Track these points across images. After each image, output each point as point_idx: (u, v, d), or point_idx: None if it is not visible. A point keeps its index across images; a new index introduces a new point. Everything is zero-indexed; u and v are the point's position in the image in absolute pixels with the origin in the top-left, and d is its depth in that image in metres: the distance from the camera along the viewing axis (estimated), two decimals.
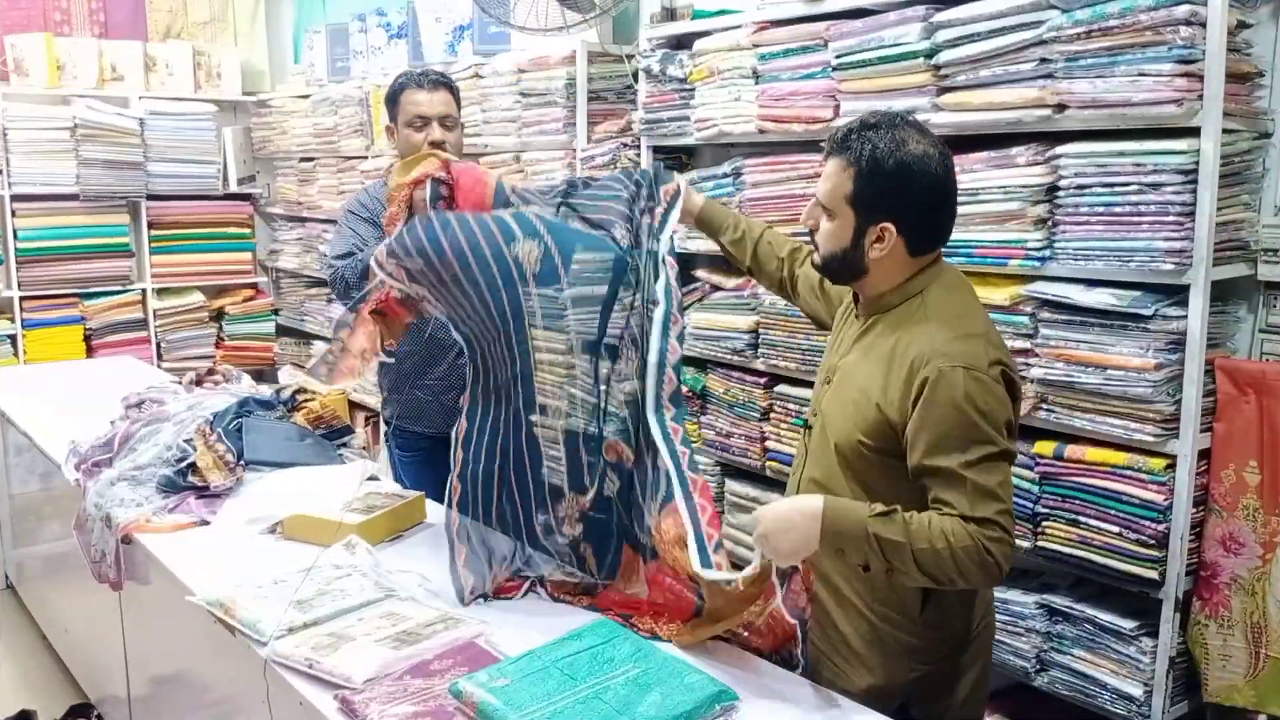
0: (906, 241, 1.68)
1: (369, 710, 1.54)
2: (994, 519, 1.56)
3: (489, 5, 3.23)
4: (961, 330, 1.64)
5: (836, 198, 1.70)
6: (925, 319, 1.66)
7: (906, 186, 1.65)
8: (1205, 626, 2.12)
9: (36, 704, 3.18)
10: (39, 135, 4.83)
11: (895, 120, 1.69)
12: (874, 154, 1.65)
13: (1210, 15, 1.91)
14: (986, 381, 1.59)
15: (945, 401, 1.58)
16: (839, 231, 1.71)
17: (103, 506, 2.43)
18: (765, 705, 1.61)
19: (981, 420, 1.57)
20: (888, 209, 1.66)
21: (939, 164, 1.66)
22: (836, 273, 1.78)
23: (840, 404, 1.74)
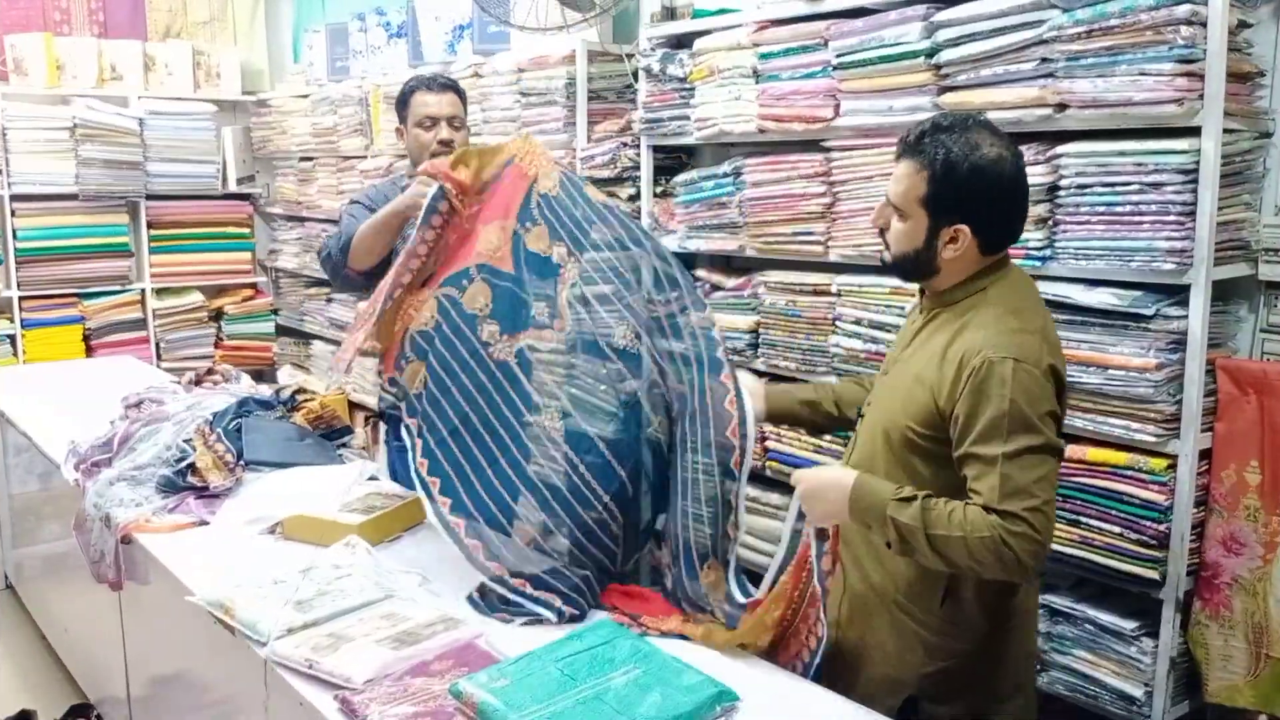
0: (979, 242, 1.70)
1: (369, 711, 1.54)
2: (1020, 514, 1.56)
3: (489, 4, 3.23)
4: (1017, 325, 1.66)
5: (909, 200, 1.71)
6: (984, 313, 1.69)
7: (980, 189, 1.67)
8: (1206, 627, 2.11)
9: (36, 704, 3.18)
10: (38, 135, 4.83)
11: (968, 122, 1.71)
12: (948, 157, 1.66)
13: (1211, 15, 1.91)
14: (1036, 375, 1.61)
15: (992, 391, 1.60)
16: (912, 232, 1.73)
17: (102, 506, 2.43)
18: (765, 705, 1.61)
19: (1026, 412, 1.59)
20: (962, 211, 1.68)
21: (1011, 165, 1.68)
22: (908, 272, 1.81)
23: (892, 392, 1.79)
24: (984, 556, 1.56)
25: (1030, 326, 1.67)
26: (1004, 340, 1.63)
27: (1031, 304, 1.74)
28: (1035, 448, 1.59)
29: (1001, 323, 1.66)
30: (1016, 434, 1.58)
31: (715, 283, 3.05)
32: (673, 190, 3.10)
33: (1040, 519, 1.57)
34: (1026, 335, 1.65)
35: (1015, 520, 1.56)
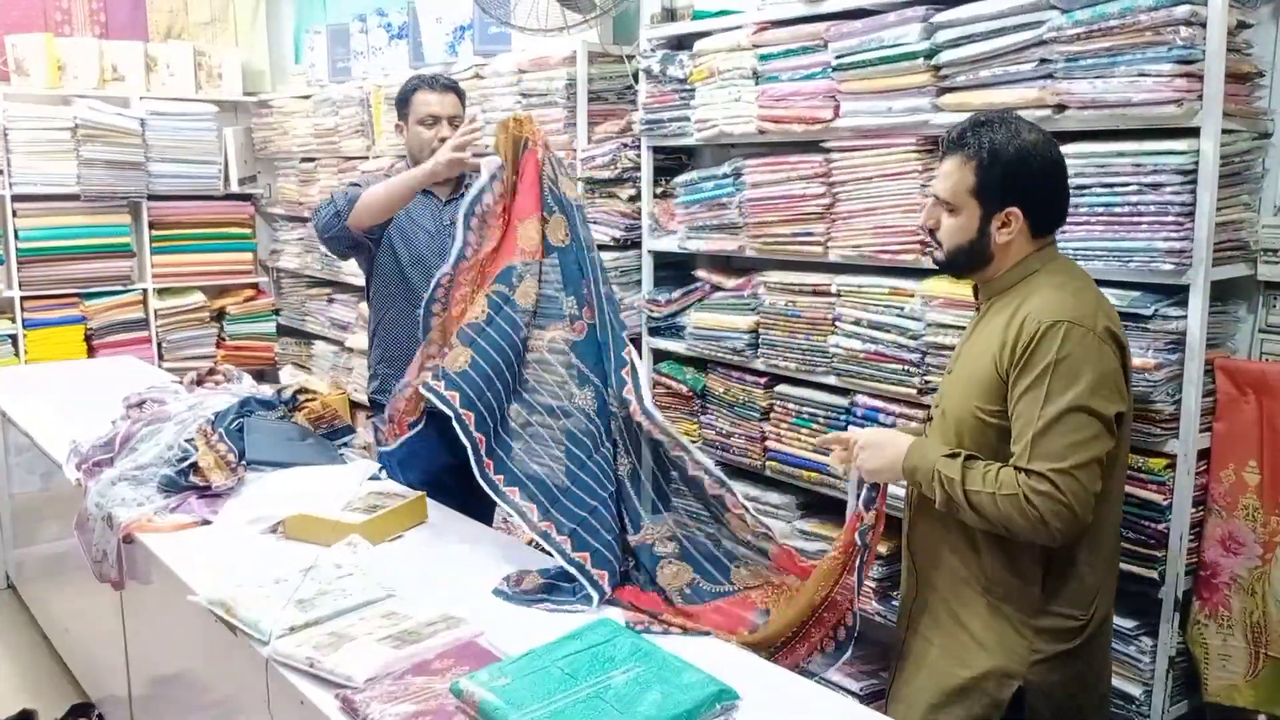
0: (1030, 224, 1.77)
1: (370, 709, 1.55)
2: (1045, 474, 1.61)
3: (489, 6, 3.23)
4: (1071, 292, 1.73)
5: (959, 192, 1.78)
6: (1039, 289, 1.75)
7: (1027, 170, 1.75)
8: (1205, 626, 2.12)
9: (37, 704, 3.18)
10: (40, 135, 4.83)
11: (1005, 116, 1.81)
12: (993, 144, 1.75)
13: (1210, 15, 1.92)
14: (1090, 338, 1.66)
15: (1043, 352, 1.65)
16: (965, 224, 1.79)
17: (104, 506, 2.43)
18: (765, 705, 1.61)
19: (1073, 372, 1.64)
20: (1012, 194, 1.75)
21: (1052, 147, 1.78)
22: (963, 265, 1.85)
23: (957, 382, 1.84)
24: (1010, 514, 1.63)
25: (1084, 294, 1.74)
26: (1056, 305, 1.69)
27: (1084, 280, 1.80)
28: (1076, 408, 1.63)
29: (1057, 291, 1.72)
30: (1058, 395, 1.63)
31: (715, 283, 3.05)
32: (673, 191, 3.11)
33: (1068, 481, 1.61)
34: (1081, 300, 1.71)
35: (1040, 479, 1.61)
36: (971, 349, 1.83)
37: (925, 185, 2.38)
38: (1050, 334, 1.66)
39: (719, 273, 3.06)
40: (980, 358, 1.77)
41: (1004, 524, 1.66)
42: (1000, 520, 1.66)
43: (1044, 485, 1.61)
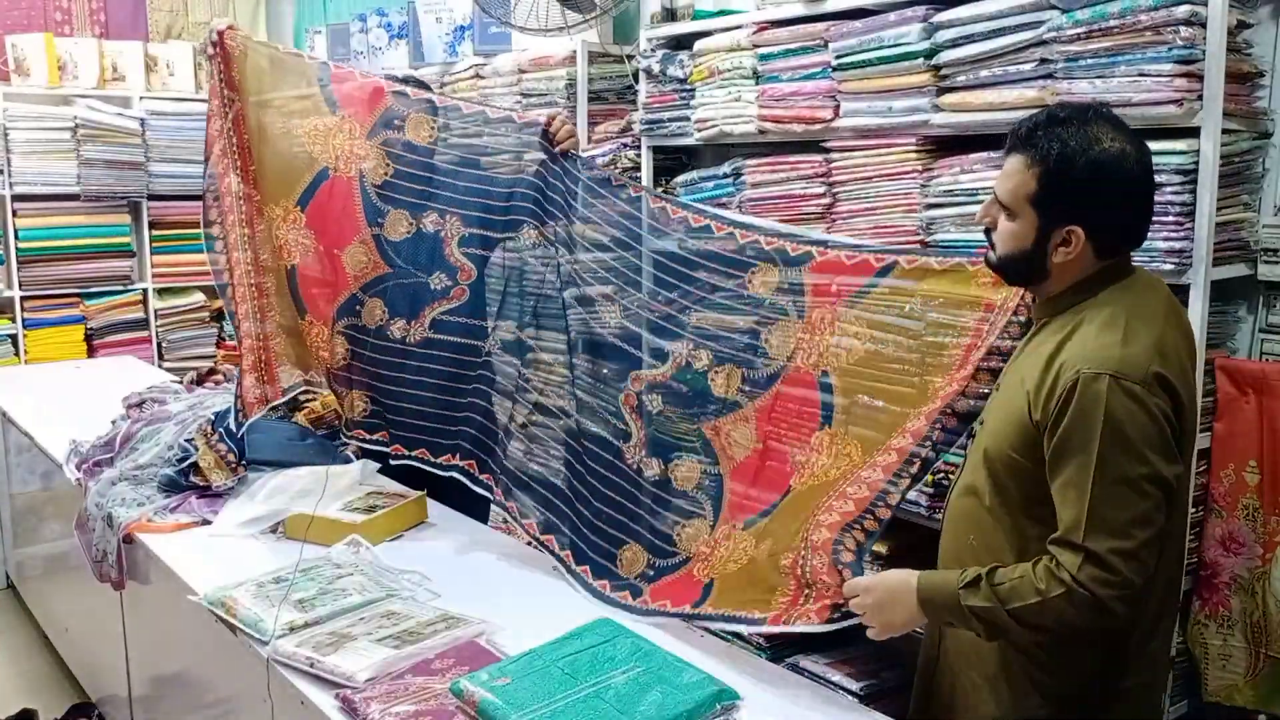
0: (1094, 246, 1.55)
1: (370, 709, 1.55)
2: (1103, 555, 1.43)
3: (489, 5, 3.23)
4: (1122, 335, 1.50)
5: (1019, 198, 1.57)
6: (1090, 321, 1.54)
7: (1097, 189, 1.52)
8: (1205, 626, 2.12)
9: (37, 703, 3.18)
10: (40, 135, 4.83)
11: (1087, 114, 1.56)
12: (1063, 153, 1.52)
13: (1210, 15, 1.91)
14: (1137, 393, 1.45)
15: (1084, 411, 1.46)
16: (1021, 232, 1.58)
17: (104, 506, 2.44)
18: (765, 705, 1.61)
19: (1121, 437, 1.44)
20: (1076, 212, 1.53)
21: (1135, 162, 1.53)
22: (1014, 274, 1.65)
23: (998, 410, 1.66)
24: (1066, 611, 1.45)
25: (1140, 336, 1.50)
26: (1105, 354, 1.48)
27: (1150, 312, 1.55)
28: (1132, 479, 1.44)
29: (1105, 333, 1.50)
30: (1109, 464, 1.44)
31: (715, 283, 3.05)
32: (673, 191, 3.11)
33: (1126, 562, 1.44)
34: (1131, 344, 1.48)
35: (1097, 563, 1.43)
36: (1014, 374, 1.64)
37: (925, 185, 2.38)
38: (1091, 389, 1.45)
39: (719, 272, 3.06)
40: (1017, 392, 1.58)
41: (1060, 624, 1.47)
42: (1055, 622, 1.47)
43: (1099, 572, 1.43)
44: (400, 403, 2.40)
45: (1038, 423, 1.53)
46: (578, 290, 2.26)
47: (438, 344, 2.36)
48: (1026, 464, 1.56)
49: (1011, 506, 1.61)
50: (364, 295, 2.37)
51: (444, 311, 2.34)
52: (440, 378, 2.38)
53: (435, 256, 2.36)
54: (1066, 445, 1.48)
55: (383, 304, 2.37)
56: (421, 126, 2.36)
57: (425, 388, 2.38)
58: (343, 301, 2.38)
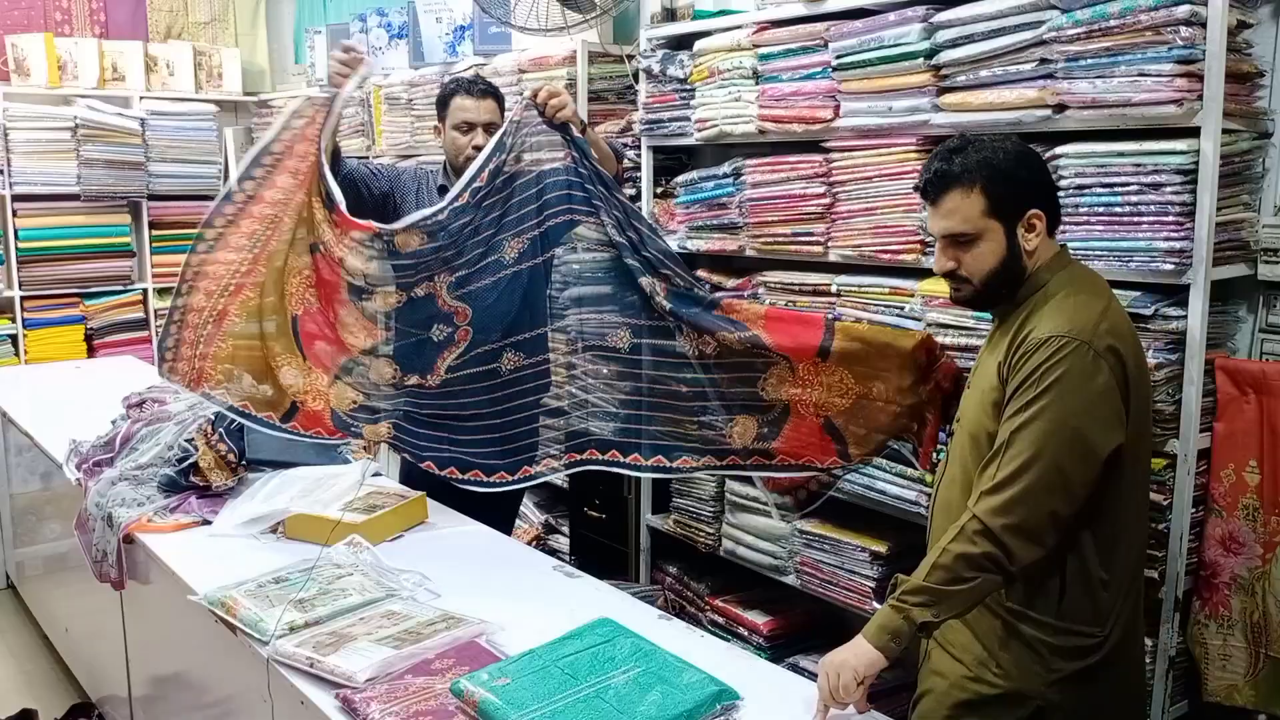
0: (1048, 222, 1.75)
1: (370, 709, 1.55)
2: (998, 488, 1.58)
3: (489, 5, 3.23)
4: (1073, 309, 1.67)
5: (974, 219, 1.72)
6: (1045, 303, 1.71)
7: (1030, 171, 1.74)
8: (1205, 626, 2.12)
9: (38, 703, 3.18)
10: (40, 135, 4.84)
11: (967, 138, 1.77)
12: (987, 160, 1.71)
13: (1210, 15, 1.91)
14: (1088, 356, 1.60)
15: (1034, 363, 1.62)
16: (992, 247, 1.73)
17: (104, 506, 2.44)
18: (765, 705, 1.62)
19: (1065, 389, 1.58)
20: (1028, 198, 1.72)
21: (1029, 147, 1.78)
22: (999, 291, 1.76)
23: (973, 397, 1.80)
24: (970, 548, 1.58)
25: (1091, 309, 1.67)
26: (1056, 320, 1.65)
27: (1094, 288, 1.74)
28: (1058, 421, 1.58)
29: (1059, 307, 1.68)
30: (1040, 403, 1.59)
31: (715, 283, 3.05)
32: (673, 191, 3.11)
33: (1023, 502, 1.57)
34: (1082, 317, 1.65)
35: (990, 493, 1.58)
36: (983, 364, 1.80)
37: None
38: (1041, 348, 1.62)
39: (719, 273, 3.06)
40: (988, 375, 1.74)
41: (972, 563, 1.58)
42: (969, 563, 1.58)
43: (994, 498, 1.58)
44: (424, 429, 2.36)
45: (1004, 392, 1.67)
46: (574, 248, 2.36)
47: (456, 381, 2.35)
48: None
49: None
50: (367, 358, 2.33)
51: (455, 358, 2.34)
52: (468, 407, 2.36)
53: (429, 312, 2.33)
54: (1012, 392, 1.64)
55: (391, 362, 2.34)
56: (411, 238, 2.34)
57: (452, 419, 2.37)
58: (344, 361, 2.34)
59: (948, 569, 1.59)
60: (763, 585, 2.93)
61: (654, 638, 1.74)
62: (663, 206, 3.18)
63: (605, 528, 3.33)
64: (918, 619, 1.59)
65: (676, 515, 3.12)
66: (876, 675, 1.63)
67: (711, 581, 3.09)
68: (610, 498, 3.30)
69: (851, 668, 1.59)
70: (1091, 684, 1.70)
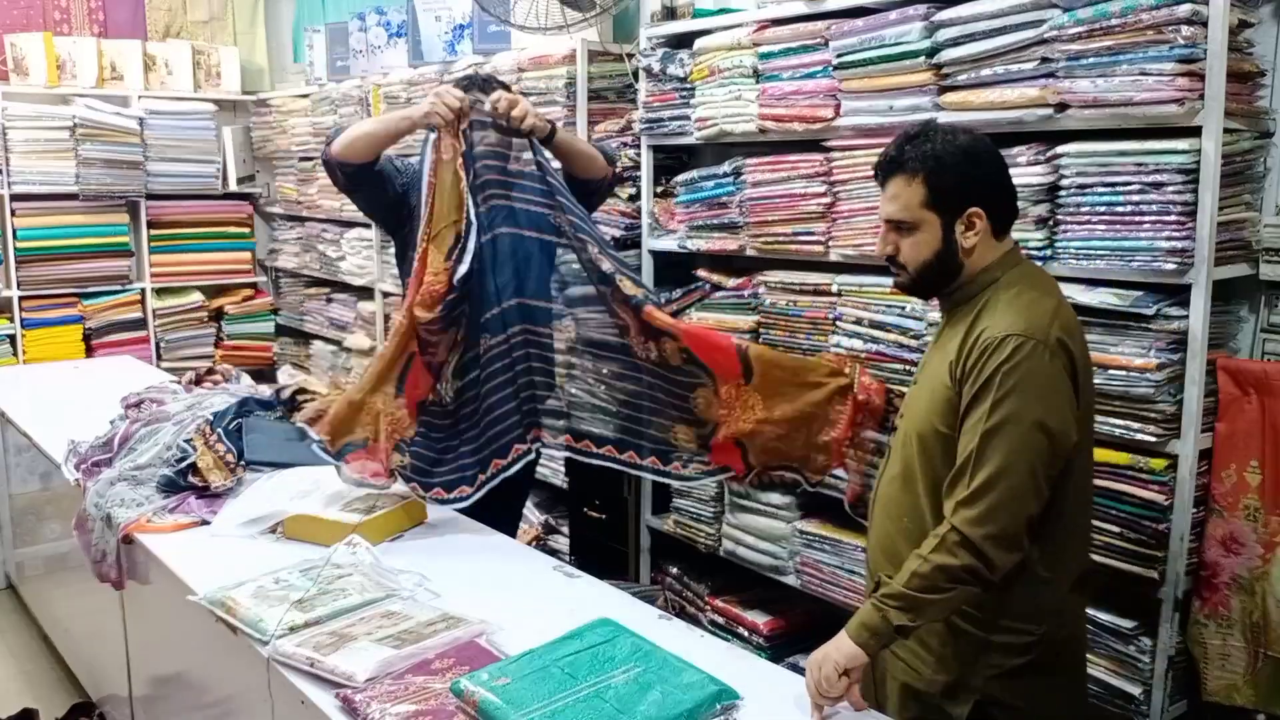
0: (993, 223, 1.73)
1: (370, 709, 1.55)
2: (976, 498, 1.58)
3: (489, 4, 3.23)
4: (1024, 306, 1.67)
5: (913, 208, 1.73)
6: (996, 300, 1.71)
7: (977, 169, 1.72)
8: (1205, 626, 2.12)
9: (38, 703, 3.18)
10: (38, 134, 4.83)
11: (930, 126, 1.77)
12: (934, 152, 1.71)
13: (1212, 15, 1.91)
14: (1040, 352, 1.61)
15: (991, 364, 1.62)
16: (927, 238, 1.74)
17: (103, 506, 2.43)
18: (765, 705, 1.61)
19: (1021, 387, 1.59)
20: (969, 195, 1.72)
21: (987, 143, 1.77)
22: (933, 282, 1.78)
23: (920, 394, 1.80)
24: (949, 561, 1.57)
25: (1041, 306, 1.68)
26: (1009, 319, 1.65)
27: (1044, 286, 1.75)
28: (1023, 420, 1.58)
29: (1011, 305, 1.68)
30: (1003, 405, 1.59)
31: (715, 283, 3.05)
32: (673, 190, 3.11)
33: (1002, 508, 1.57)
34: (1034, 314, 1.65)
35: (967, 504, 1.58)
36: (932, 362, 1.80)
37: None
38: (996, 347, 1.62)
39: (720, 272, 3.06)
40: (938, 373, 1.73)
41: (953, 575, 1.58)
42: (948, 574, 1.58)
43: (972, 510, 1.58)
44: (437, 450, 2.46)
45: (959, 391, 1.67)
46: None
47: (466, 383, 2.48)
48: (951, 434, 1.69)
49: (941, 477, 1.69)
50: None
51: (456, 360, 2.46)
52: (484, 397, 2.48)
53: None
54: (971, 395, 1.64)
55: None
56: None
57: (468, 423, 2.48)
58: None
59: (926, 578, 1.59)
60: (763, 585, 2.92)
61: (654, 638, 1.74)
62: (663, 206, 3.17)
63: (605, 528, 3.33)
64: (895, 622, 1.60)
65: (676, 515, 3.12)
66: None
67: (711, 581, 3.08)
68: (610, 498, 3.30)
69: (833, 661, 1.61)
70: (1033, 677, 1.72)
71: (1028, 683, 1.72)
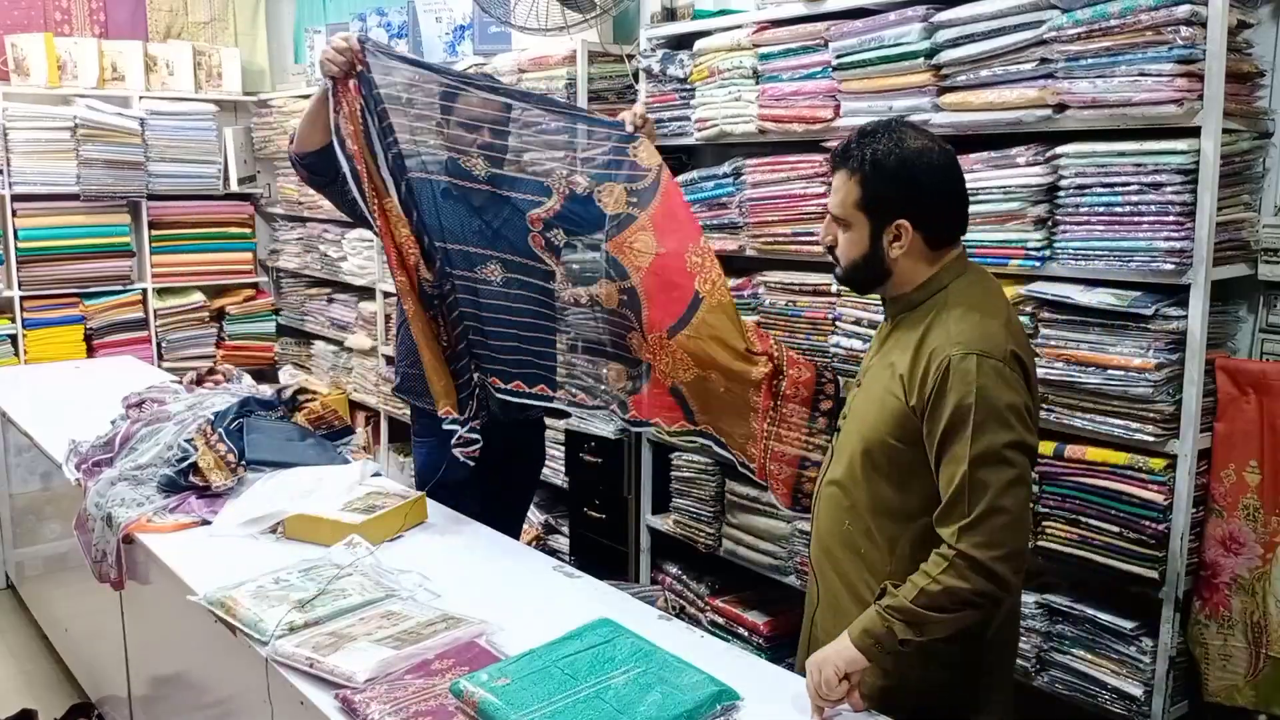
0: (924, 236, 1.71)
1: (370, 709, 1.55)
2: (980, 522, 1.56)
3: (489, 5, 3.23)
4: (979, 318, 1.67)
5: (848, 206, 1.74)
6: (947, 311, 1.69)
7: (912, 181, 1.69)
8: (1205, 626, 2.12)
9: (37, 703, 3.18)
10: (40, 135, 4.83)
11: (891, 124, 1.75)
12: (874, 156, 1.70)
13: (1211, 15, 1.91)
14: (1000, 369, 1.61)
15: (957, 387, 1.60)
16: (857, 239, 1.75)
17: (103, 506, 2.43)
18: (766, 705, 1.61)
19: (992, 410, 1.59)
20: (899, 206, 1.70)
21: (939, 156, 1.72)
22: (861, 281, 1.81)
23: (869, 402, 1.77)
24: (960, 585, 1.56)
25: (993, 319, 1.68)
26: (966, 336, 1.64)
27: (993, 298, 1.75)
28: (1005, 444, 1.59)
29: (964, 319, 1.66)
30: (983, 431, 1.58)
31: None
32: None
33: (1006, 528, 1.57)
34: (988, 327, 1.66)
35: (972, 529, 1.57)
36: (880, 370, 1.77)
37: None
38: (961, 368, 1.60)
39: None
40: (889, 383, 1.71)
41: (962, 599, 1.58)
42: (957, 598, 1.57)
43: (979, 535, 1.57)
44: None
45: (914, 407, 1.66)
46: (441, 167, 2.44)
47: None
48: (903, 447, 1.69)
49: (887, 488, 1.72)
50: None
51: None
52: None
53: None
54: (945, 422, 1.61)
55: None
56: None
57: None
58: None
59: (933, 598, 1.58)
60: (763, 585, 2.93)
61: (654, 638, 1.74)
62: None
63: (605, 528, 3.33)
64: (900, 635, 1.60)
65: (676, 515, 3.12)
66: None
67: (711, 581, 3.09)
68: (610, 498, 3.30)
69: (833, 664, 1.61)
70: (970, 668, 1.75)
71: (965, 672, 1.75)
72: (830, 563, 1.83)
